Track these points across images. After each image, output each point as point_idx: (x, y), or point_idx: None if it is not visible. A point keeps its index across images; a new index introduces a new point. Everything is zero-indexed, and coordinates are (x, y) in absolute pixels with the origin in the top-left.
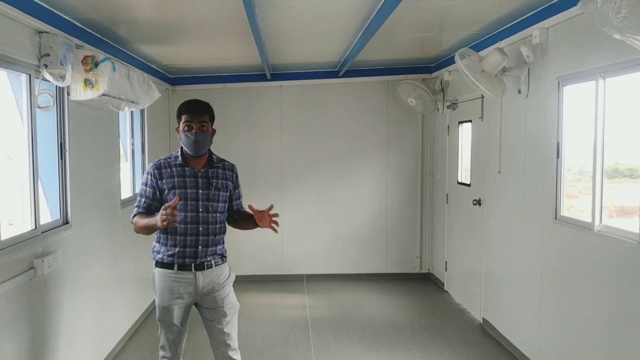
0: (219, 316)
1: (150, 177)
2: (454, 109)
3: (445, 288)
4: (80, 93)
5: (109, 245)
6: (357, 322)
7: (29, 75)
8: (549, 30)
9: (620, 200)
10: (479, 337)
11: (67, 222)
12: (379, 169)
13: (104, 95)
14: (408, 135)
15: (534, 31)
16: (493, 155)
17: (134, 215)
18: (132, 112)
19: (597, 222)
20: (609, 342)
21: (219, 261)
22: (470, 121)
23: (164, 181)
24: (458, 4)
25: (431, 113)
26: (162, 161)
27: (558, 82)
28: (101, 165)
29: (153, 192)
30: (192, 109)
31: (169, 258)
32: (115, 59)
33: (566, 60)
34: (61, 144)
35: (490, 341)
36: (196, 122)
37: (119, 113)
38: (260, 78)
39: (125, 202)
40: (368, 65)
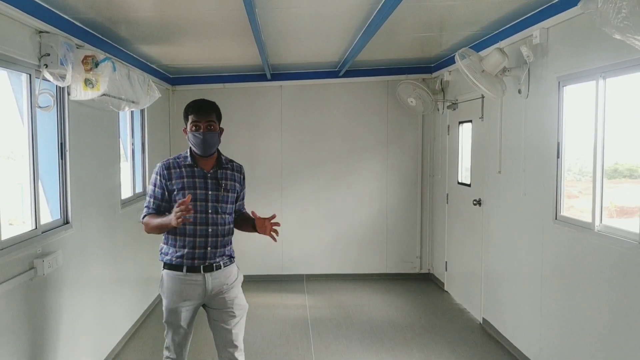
0: (228, 317)
1: (159, 178)
2: (454, 109)
3: (446, 288)
4: (80, 93)
5: (109, 245)
6: (357, 322)
7: (30, 75)
8: (550, 30)
9: (620, 200)
10: (479, 337)
11: (67, 222)
12: (379, 169)
13: (104, 95)
14: (408, 135)
15: (534, 31)
16: (493, 155)
17: (144, 216)
18: (132, 112)
19: (597, 222)
20: (609, 342)
21: (228, 262)
22: (470, 121)
23: (173, 182)
24: (458, 4)
25: (431, 113)
26: (171, 161)
27: (558, 82)
28: (101, 165)
29: (162, 193)
30: (199, 108)
31: (178, 259)
32: (116, 58)
33: (566, 60)
34: (61, 143)
35: (490, 341)
36: (203, 121)
37: (119, 113)
38: (261, 78)
39: (126, 202)
40: (368, 65)
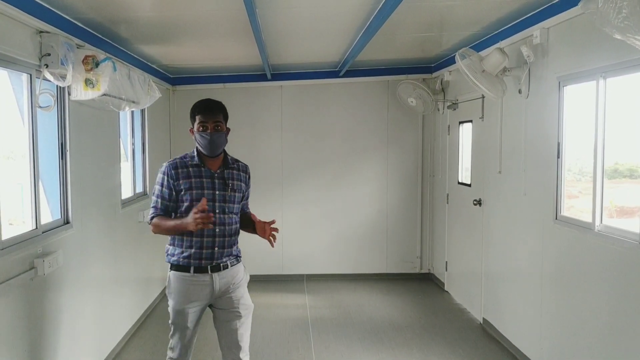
0: (234, 317)
1: (166, 178)
2: (455, 109)
3: (446, 288)
4: (81, 93)
5: (109, 245)
6: (357, 322)
7: (30, 75)
8: (550, 30)
9: (620, 200)
10: (479, 337)
11: (67, 222)
12: (379, 169)
13: (104, 95)
14: (408, 135)
15: (534, 31)
16: (493, 155)
17: (152, 217)
18: (132, 112)
19: (597, 222)
20: (609, 342)
21: (234, 262)
22: (470, 121)
23: (181, 182)
24: (458, 4)
25: (431, 113)
26: (178, 161)
27: (559, 82)
28: (102, 165)
29: (169, 193)
30: (206, 108)
31: (185, 260)
32: (116, 58)
33: (567, 60)
34: (62, 143)
35: (490, 341)
36: (211, 122)
37: (119, 113)
38: (261, 78)
39: (126, 202)
40: (368, 65)
